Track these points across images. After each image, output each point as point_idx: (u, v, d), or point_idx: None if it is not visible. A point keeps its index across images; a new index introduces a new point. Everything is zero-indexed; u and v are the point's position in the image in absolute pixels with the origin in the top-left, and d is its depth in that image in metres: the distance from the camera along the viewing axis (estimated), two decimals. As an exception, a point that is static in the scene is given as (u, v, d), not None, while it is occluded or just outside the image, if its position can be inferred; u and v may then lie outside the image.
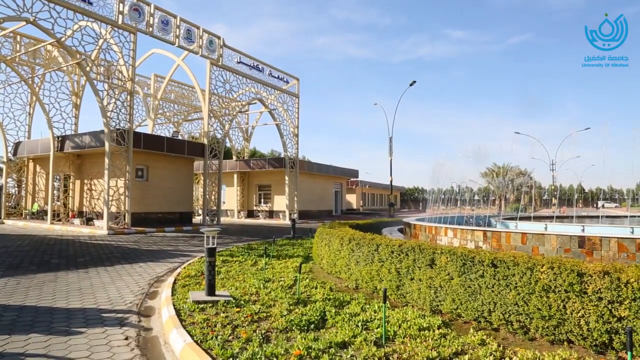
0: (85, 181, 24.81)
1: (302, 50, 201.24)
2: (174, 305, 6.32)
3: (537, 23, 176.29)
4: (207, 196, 27.48)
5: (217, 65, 27.41)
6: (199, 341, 4.76)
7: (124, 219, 21.63)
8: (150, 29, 22.55)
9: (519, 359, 4.12)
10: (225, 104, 28.87)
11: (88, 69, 20.38)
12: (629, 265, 4.42)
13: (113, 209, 21.57)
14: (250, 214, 38.63)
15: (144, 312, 6.52)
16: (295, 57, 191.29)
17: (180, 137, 36.22)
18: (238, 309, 6.09)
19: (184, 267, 9.90)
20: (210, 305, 6.33)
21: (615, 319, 4.18)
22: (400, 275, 6.51)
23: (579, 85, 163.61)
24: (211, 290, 6.77)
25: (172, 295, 7.07)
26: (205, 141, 27.24)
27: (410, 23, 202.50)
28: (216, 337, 4.82)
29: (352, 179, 53.84)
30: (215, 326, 5.29)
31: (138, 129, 33.42)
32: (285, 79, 34.93)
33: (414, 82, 36.19)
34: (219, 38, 27.13)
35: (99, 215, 22.89)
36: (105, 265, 10.77)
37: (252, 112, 39.32)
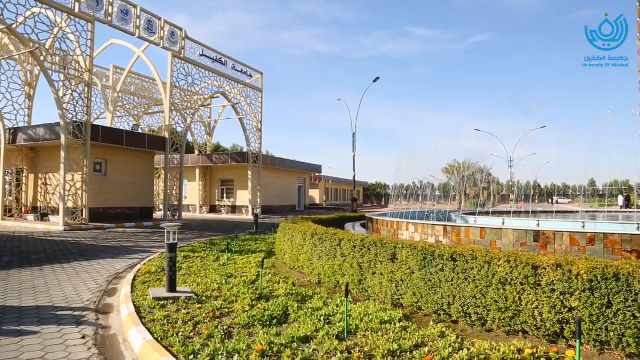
0: (40, 175, 23.85)
1: (267, 45, 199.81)
2: (133, 302, 6.18)
3: (497, 23, 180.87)
4: (169, 191, 26.99)
5: (179, 58, 26.85)
6: (159, 338, 4.68)
7: (82, 215, 20.96)
8: (109, 18, 21.86)
9: (476, 350, 4.24)
10: (188, 97, 28.37)
11: (42, 58, 19.55)
12: (580, 258, 4.61)
13: (70, 205, 20.86)
14: (213, 209, 38.19)
15: (102, 310, 6.35)
16: (259, 51, 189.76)
17: (140, 131, 35.35)
18: (200, 305, 6.01)
19: (144, 264, 9.71)
20: (171, 301, 6.23)
21: (566, 309, 4.36)
22: (363, 269, 6.58)
23: (539, 85, 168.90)
24: (172, 287, 6.66)
25: (132, 292, 6.92)
26: (167, 135, 26.69)
27: (374, 19, 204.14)
28: (177, 334, 4.75)
29: (315, 174, 53.97)
30: (176, 323, 5.21)
31: (96, 122, 32.46)
32: (248, 73, 34.59)
33: (378, 78, 36.52)
34: (181, 30, 26.59)
35: (55, 211, 22.11)
36: (62, 262, 10.42)
37: (215, 106, 38.84)
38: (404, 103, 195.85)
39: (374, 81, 36.66)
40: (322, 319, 5.30)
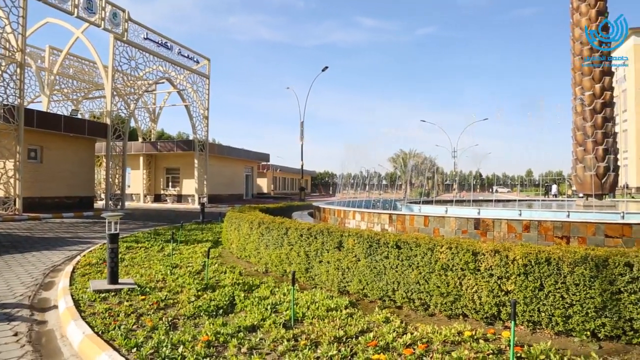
0: (-33, 162, 22.38)
1: (213, 29, 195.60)
2: (72, 296, 5.94)
3: (442, 16, 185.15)
4: (111, 179, 26.01)
5: (122, 41, 25.78)
6: (100, 332, 4.52)
7: (14, 205, 19.84)
8: (44, -5, 20.61)
9: (419, 334, 4.37)
10: (131, 82, 27.34)
11: (-31, 37, 18.25)
12: (516, 244, 4.85)
13: (1, 194, 19.71)
14: (158, 198, 37.23)
15: (38, 305, 6.06)
16: (204, 35, 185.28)
17: (80, 116, 33.73)
18: (143, 297, 5.86)
19: (84, 255, 9.33)
20: (112, 294, 6.03)
21: (503, 292, 4.58)
22: (309, 258, 6.62)
23: (480, 78, 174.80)
24: (114, 278, 6.45)
25: (70, 285, 6.64)
26: (108, 121, 25.65)
27: (322, 8, 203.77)
28: (119, 327, 4.61)
29: (263, 163, 53.63)
30: (118, 315, 5.06)
31: (31, 106, 30.66)
32: (195, 59, 33.74)
33: (326, 67, 36.58)
34: (123, 11, 25.49)
35: (-15, 200, 20.83)
36: (-8, 254, 9.84)
37: (160, 92, 37.65)
38: (353, 92, 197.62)
39: (323, 70, 36.71)
40: (269, 307, 5.30)
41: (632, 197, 30.31)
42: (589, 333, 4.20)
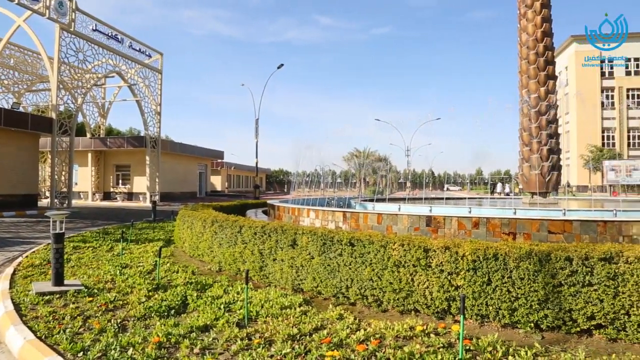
0: None
1: (166, 22, 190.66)
2: (12, 299, 5.65)
3: (396, 17, 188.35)
4: (56, 176, 24.91)
5: (69, 32, 24.66)
6: (43, 337, 4.32)
7: (-51, 203, 18.69)
8: (-19, -19, 19.45)
9: (372, 330, 4.43)
10: (79, 75, 26.27)
11: None
12: (465, 241, 5.00)
13: None
14: (107, 196, 36.03)
15: (-26, 308, 5.72)
16: (157, 28, 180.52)
17: (22, 110, 32.09)
18: (91, 299, 5.65)
19: (26, 256, 8.89)
20: (57, 296, 5.78)
21: (453, 288, 4.71)
22: (264, 256, 6.58)
23: (436, 77, 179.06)
24: (59, 280, 6.18)
25: (11, 288, 6.31)
26: (54, 115, 24.52)
27: (278, 5, 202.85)
28: (64, 331, 4.43)
29: (217, 160, 52.94)
30: (64, 319, 4.85)
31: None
32: (147, 53, 32.80)
33: (282, 65, 36.51)
34: (70, 0, 24.41)
35: None
36: None
37: (110, 86, 36.39)
38: (309, 90, 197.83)
39: (278, 67, 36.58)
40: (222, 307, 5.23)
41: (574, 195, 31.87)
42: (532, 325, 4.40)
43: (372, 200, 16.18)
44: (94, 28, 26.94)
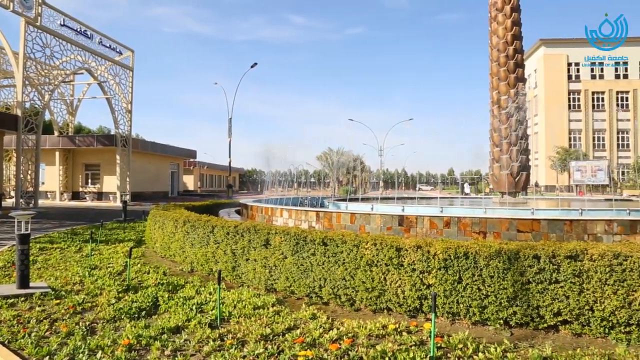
0: None
1: (138, 19, 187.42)
2: (-26, 302, 5.46)
3: (370, 18, 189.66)
4: (22, 176, 24.17)
5: (35, 26, 23.95)
6: (6, 341, 4.19)
7: None
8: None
9: (345, 329, 4.44)
10: (45, 71, 25.53)
11: None
12: (437, 240, 5.06)
13: None
14: (76, 195, 35.15)
15: None
16: (129, 25, 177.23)
17: (-15, 107, 31.11)
18: (58, 301, 5.51)
19: (-11, 257, 8.61)
20: (22, 299, 5.61)
21: (425, 286, 4.76)
22: (236, 256, 6.53)
23: (409, 78, 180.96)
24: (24, 282, 6.00)
25: (-28, 289, 6.10)
26: (19, 112, 23.78)
27: (251, 3, 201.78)
28: (29, 335, 4.30)
29: (190, 160, 52.25)
30: (29, 322, 4.72)
31: None
32: (118, 50, 32.16)
33: (255, 64, 36.34)
34: (36, -6, 23.72)
35: None
36: None
37: (79, 83, 35.46)
38: (282, 90, 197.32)
39: (252, 66, 36.42)
40: (194, 308, 5.17)
41: (542, 195, 32.65)
42: (502, 321, 4.49)
43: (345, 200, 16.24)
44: (62, 23, 26.25)
